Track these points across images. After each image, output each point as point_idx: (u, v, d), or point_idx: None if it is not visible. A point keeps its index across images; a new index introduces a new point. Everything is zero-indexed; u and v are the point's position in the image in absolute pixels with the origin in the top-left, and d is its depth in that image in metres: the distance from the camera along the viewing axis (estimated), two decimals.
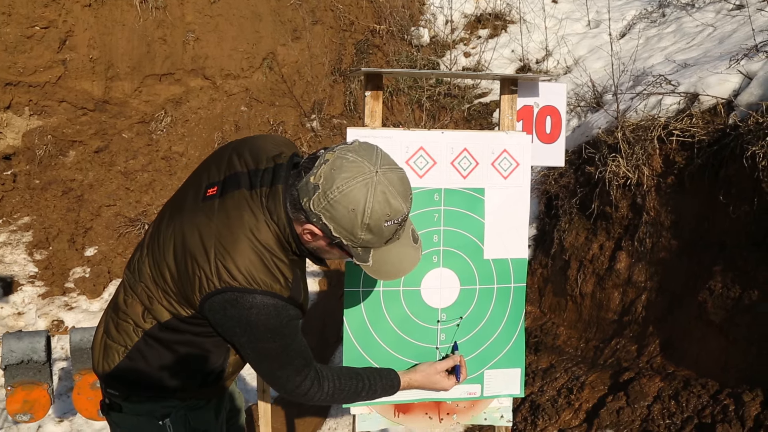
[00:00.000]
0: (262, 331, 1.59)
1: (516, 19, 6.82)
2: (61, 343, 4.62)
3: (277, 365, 1.67)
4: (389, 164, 1.52)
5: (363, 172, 1.48)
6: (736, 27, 4.65)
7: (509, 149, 2.09)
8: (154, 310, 1.66)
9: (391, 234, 1.54)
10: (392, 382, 1.90)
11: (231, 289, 1.54)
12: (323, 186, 1.47)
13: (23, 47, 5.47)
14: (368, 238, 1.52)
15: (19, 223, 5.41)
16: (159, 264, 1.65)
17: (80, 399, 3.17)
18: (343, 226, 1.49)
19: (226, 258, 1.55)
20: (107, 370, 1.76)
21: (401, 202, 1.51)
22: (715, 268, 3.24)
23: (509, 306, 2.13)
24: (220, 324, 1.60)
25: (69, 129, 5.70)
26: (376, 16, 6.86)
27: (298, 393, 1.72)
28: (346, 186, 1.46)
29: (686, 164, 3.52)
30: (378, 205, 1.47)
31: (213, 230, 1.59)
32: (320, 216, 1.50)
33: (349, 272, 2.00)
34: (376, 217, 1.48)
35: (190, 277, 1.57)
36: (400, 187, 1.52)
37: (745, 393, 2.85)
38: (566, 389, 3.52)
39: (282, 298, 1.58)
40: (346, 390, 1.79)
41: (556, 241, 4.28)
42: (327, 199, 1.47)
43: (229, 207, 1.61)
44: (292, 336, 1.66)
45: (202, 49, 6.15)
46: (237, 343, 1.65)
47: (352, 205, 1.47)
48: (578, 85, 5.07)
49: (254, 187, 1.62)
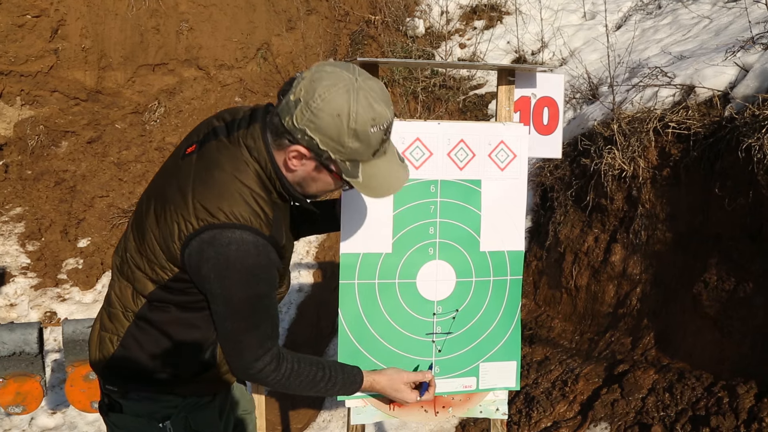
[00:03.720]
0: (237, 272, 1.53)
1: (512, 10, 6.79)
2: (53, 335, 4.60)
3: (244, 326, 1.60)
4: (368, 75, 1.52)
5: (343, 79, 1.47)
6: (732, 19, 4.64)
7: (506, 140, 2.07)
8: (139, 284, 1.64)
9: (378, 143, 1.52)
10: (354, 378, 1.83)
11: (210, 226, 1.50)
12: (305, 98, 1.46)
13: (14, 36, 5.42)
14: (356, 147, 1.49)
15: (11, 214, 5.37)
16: (142, 231, 1.62)
17: (73, 391, 3.16)
18: (330, 136, 1.47)
19: (204, 197, 1.52)
20: (103, 361, 1.73)
21: (385, 108, 1.50)
22: (710, 260, 3.24)
23: (505, 299, 2.12)
24: (196, 271, 1.55)
25: (61, 119, 5.66)
26: (371, 7, 6.82)
27: (254, 368, 1.64)
28: (328, 93, 1.45)
29: (682, 156, 3.52)
30: (362, 109, 1.46)
31: (191, 177, 1.57)
32: (305, 129, 1.47)
33: (344, 264, 1.99)
34: (361, 122, 1.46)
35: (170, 226, 1.54)
36: (382, 93, 1.51)
37: (740, 385, 2.86)
38: (561, 381, 3.52)
39: (262, 236, 1.54)
40: (304, 376, 1.71)
41: (551, 234, 4.28)
42: (310, 109, 1.45)
43: (207, 155, 1.59)
44: (267, 288, 1.61)
45: (196, 39, 6.10)
46: (211, 297, 1.59)
47: (337, 111, 1.45)
48: (574, 76, 5.05)
49: (232, 132, 1.61)
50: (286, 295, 5.07)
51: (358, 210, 1.98)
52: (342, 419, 3.95)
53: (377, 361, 2.02)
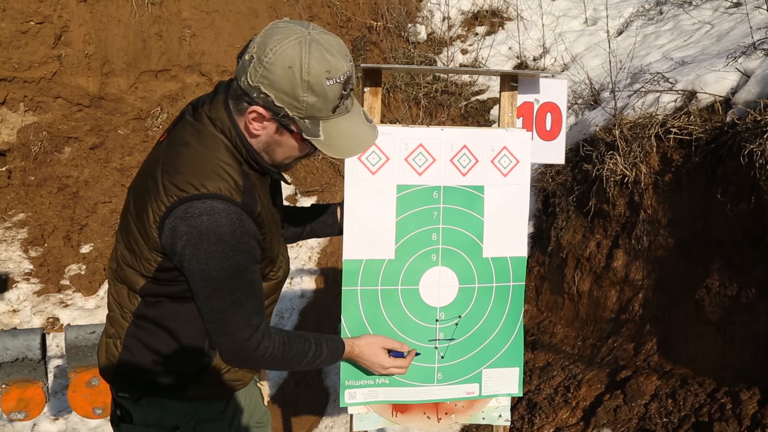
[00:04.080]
0: (212, 244, 1.48)
1: (513, 16, 6.80)
2: (56, 341, 4.60)
3: (228, 304, 1.55)
4: (323, 30, 1.49)
5: (295, 32, 1.45)
6: (734, 25, 4.65)
7: (509, 146, 2.07)
8: (131, 281, 1.63)
9: (336, 98, 1.48)
10: (337, 345, 1.83)
11: (180, 201, 1.48)
12: (257, 54, 1.44)
13: (18, 43, 5.44)
14: (312, 102, 1.46)
15: (14, 220, 5.38)
16: (127, 226, 1.62)
17: (75, 397, 3.16)
18: (284, 90, 1.44)
19: (172, 175, 1.51)
20: (111, 366, 1.72)
21: (340, 60, 1.46)
22: (713, 266, 3.24)
23: (508, 305, 2.12)
24: (173, 250, 1.52)
25: (64, 125, 5.67)
26: (372, 13, 6.84)
27: (247, 347, 1.60)
28: (279, 46, 1.43)
29: (684, 162, 3.52)
30: (315, 60, 1.43)
31: (160, 160, 1.56)
32: (260, 86, 1.45)
33: (347, 270, 1.99)
34: (315, 73, 1.43)
35: (147, 212, 1.53)
36: (338, 46, 1.48)
37: (743, 391, 2.85)
38: (563, 387, 3.52)
39: (234, 203, 1.50)
40: (296, 348, 1.69)
41: (553, 239, 4.28)
42: (262, 64, 1.43)
43: (174, 136, 1.59)
44: (246, 261, 1.55)
45: (199, 45, 6.12)
46: (190, 278, 1.54)
47: (288, 63, 1.42)
48: (575, 82, 5.06)
49: (197, 110, 1.60)
50: (289, 301, 5.07)
51: (361, 216, 1.98)
52: (344, 426, 3.94)
53: None
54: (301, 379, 4.45)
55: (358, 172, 1.97)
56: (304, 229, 2.12)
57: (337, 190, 5.89)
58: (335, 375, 4.21)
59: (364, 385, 2.03)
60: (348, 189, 1.96)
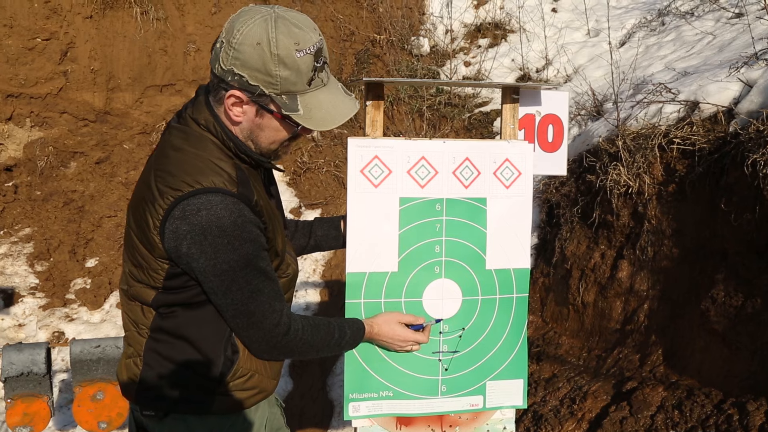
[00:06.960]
0: (216, 237, 1.48)
1: (516, 28, 6.83)
2: (61, 355, 4.60)
3: (248, 295, 1.54)
4: (288, 9, 1.52)
5: (260, 12, 1.48)
6: (736, 35, 4.66)
7: (511, 158, 2.08)
8: (143, 296, 1.63)
9: (309, 69, 1.50)
10: (358, 325, 1.85)
11: (176, 200, 1.48)
12: (226, 38, 1.48)
13: (25, 59, 5.49)
14: (286, 75, 1.48)
15: (20, 235, 5.41)
16: (130, 240, 1.62)
17: (80, 411, 3.17)
18: (256, 67, 1.47)
19: (165, 177, 1.52)
20: (133, 385, 1.70)
21: (308, 31, 1.49)
22: (717, 276, 3.23)
23: (512, 316, 2.12)
24: (179, 253, 1.51)
25: (70, 140, 5.71)
26: (376, 26, 6.88)
27: (279, 332, 1.59)
28: (245, 26, 1.46)
29: (687, 172, 3.52)
30: (282, 34, 1.46)
31: (152, 168, 1.58)
32: (232, 69, 1.48)
33: (350, 283, 2.00)
34: (283, 47, 1.46)
35: (146, 220, 1.53)
36: (304, 20, 1.51)
37: (749, 402, 2.83)
38: (569, 399, 3.50)
39: (230, 193, 1.50)
40: (323, 329, 1.71)
41: (558, 250, 4.27)
42: (231, 46, 1.46)
43: (163, 144, 1.61)
44: (253, 248, 1.54)
45: (203, 60, 6.16)
46: (202, 277, 1.53)
47: (256, 40, 1.45)
48: (578, 93, 5.07)
49: (181, 115, 1.63)
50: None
51: (364, 229, 1.99)
52: None
53: (384, 380, 2.02)
54: (306, 391, 4.45)
55: (361, 186, 1.98)
56: (308, 243, 2.14)
57: (341, 202, 5.91)
58: (339, 388, 4.20)
59: (368, 398, 2.02)
60: (351, 202, 1.96)
